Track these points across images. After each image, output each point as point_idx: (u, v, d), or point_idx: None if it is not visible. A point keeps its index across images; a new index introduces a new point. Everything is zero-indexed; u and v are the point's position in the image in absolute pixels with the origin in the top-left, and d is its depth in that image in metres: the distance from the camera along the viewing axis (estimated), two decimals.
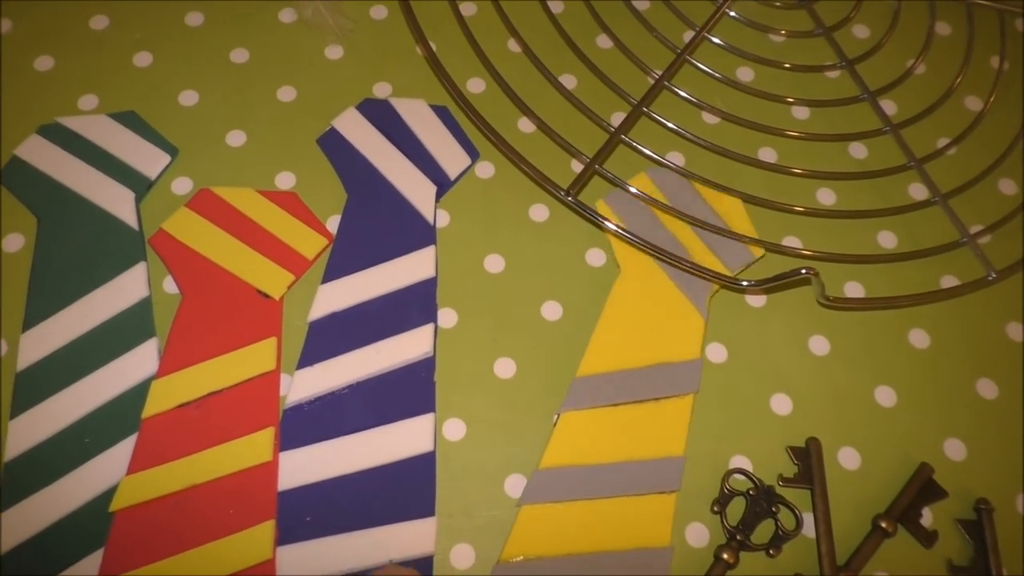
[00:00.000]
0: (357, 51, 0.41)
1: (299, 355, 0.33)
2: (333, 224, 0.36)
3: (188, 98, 0.39)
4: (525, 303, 0.35)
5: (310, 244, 0.35)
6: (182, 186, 0.37)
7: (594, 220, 0.35)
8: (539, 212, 0.37)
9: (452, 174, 0.37)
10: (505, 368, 0.34)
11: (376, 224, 0.36)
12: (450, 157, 0.38)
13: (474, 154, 0.38)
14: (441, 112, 0.39)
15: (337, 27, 0.40)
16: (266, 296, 0.34)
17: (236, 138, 0.38)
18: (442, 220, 0.37)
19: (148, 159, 0.37)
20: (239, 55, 0.40)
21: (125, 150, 0.37)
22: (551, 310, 0.35)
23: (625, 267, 0.35)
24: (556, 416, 0.33)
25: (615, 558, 0.30)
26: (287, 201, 0.36)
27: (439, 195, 0.37)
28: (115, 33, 0.40)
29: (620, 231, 0.34)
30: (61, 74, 0.39)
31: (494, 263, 0.36)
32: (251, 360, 0.32)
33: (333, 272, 0.35)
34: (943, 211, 0.38)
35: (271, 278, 0.34)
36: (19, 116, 0.38)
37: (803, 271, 0.31)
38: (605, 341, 0.34)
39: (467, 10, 0.42)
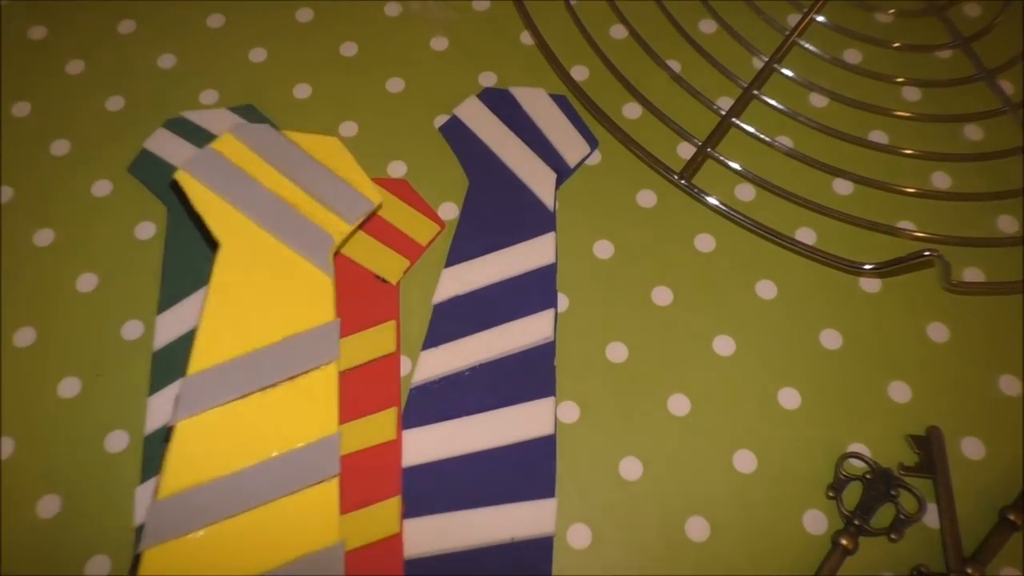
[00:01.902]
0: (462, 42, 0.41)
1: (423, 337, 0.34)
2: (444, 210, 0.37)
3: (302, 91, 0.40)
4: (635, 288, 0.36)
5: (423, 230, 0.36)
6: None
7: (707, 204, 0.35)
8: (647, 197, 0.37)
9: (572, 162, 0.38)
10: (617, 352, 0.34)
11: (497, 210, 0.36)
12: (570, 145, 0.38)
13: (593, 142, 0.38)
14: (560, 101, 0.39)
15: (444, 19, 0.41)
16: (383, 281, 0.35)
17: (348, 128, 0.39)
18: None
19: None
20: (348, 48, 0.41)
21: None
22: (661, 295, 0.35)
23: (225, 242, 0.30)
24: (168, 430, 0.28)
25: (284, 572, 0.26)
26: (399, 188, 0.37)
27: (559, 182, 0.37)
28: (231, 31, 0.42)
29: (725, 209, 0.34)
30: (183, 71, 0.41)
31: (603, 248, 0.36)
32: (372, 343, 0.33)
33: (456, 256, 0.35)
34: None
35: (387, 263, 0.35)
36: (146, 111, 0.39)
37: (927, 253, 0.31)
38: (216, 328, 0.29)
39: None
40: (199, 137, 0.38)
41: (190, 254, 0.35)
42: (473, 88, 0.40)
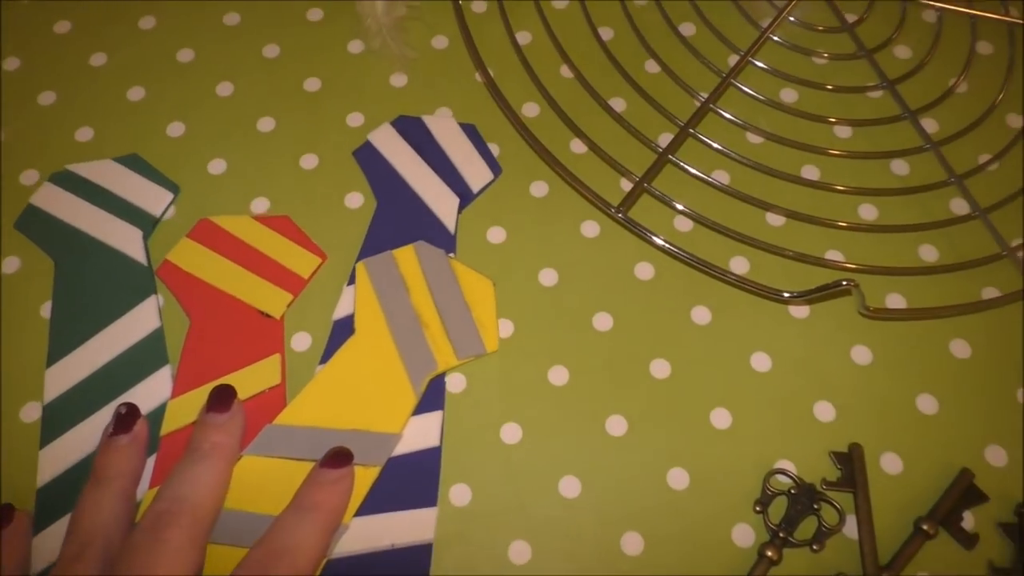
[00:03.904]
0: (420, 78, 0.44)
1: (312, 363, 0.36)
2: None
3: (265, 124, 0.42)
4: (577, 314, 0.38)
5: (305, 264, 0.38)
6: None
7: (642, 236, 0.37)
8: (590, 228, 0.40)
9: (475, 188, 0.40)
10: (559, 376, 0.36)
11: (402, 231, 0.39)
12: (474, 172, 0.40)
13: (497, 170, 0.41)
14: (468, 129, 0.42)
15: (402, 56, 0.43)
16: (267, 316, 0.37)
17: (309, 161, 0.41)
18: (499, 236, 0.39)
19: (151, 198, 0.39)
20: (312, 84, 0.43)
21: (130, 191, 0.39)
22: (602, 321, 0.37)
23: (360, 328, 0.36)
24: (239, 457, 0.33)
25: None
26: (281, 225, 0.39)
27: (461, 207, 0.40)
28: (199, 66, 0.44)
29: (668, 246, 0.36)
30: (151, 105, 0.43)
31: (548, 276, 0.38)
32: (258, 376, 0.35)
33: None
34: (984, 225, 0.39)
35: (271, 299, 0.37)
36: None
37: (844, 283, 0.33)
38: (315, 395, 0.34)
39: (522, 39, 0.44)
40: (85, 189, 0.39)
41: (77, 307, 0.36)
42: None
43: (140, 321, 0.36)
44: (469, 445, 0.35)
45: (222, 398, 0.33)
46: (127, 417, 0.33)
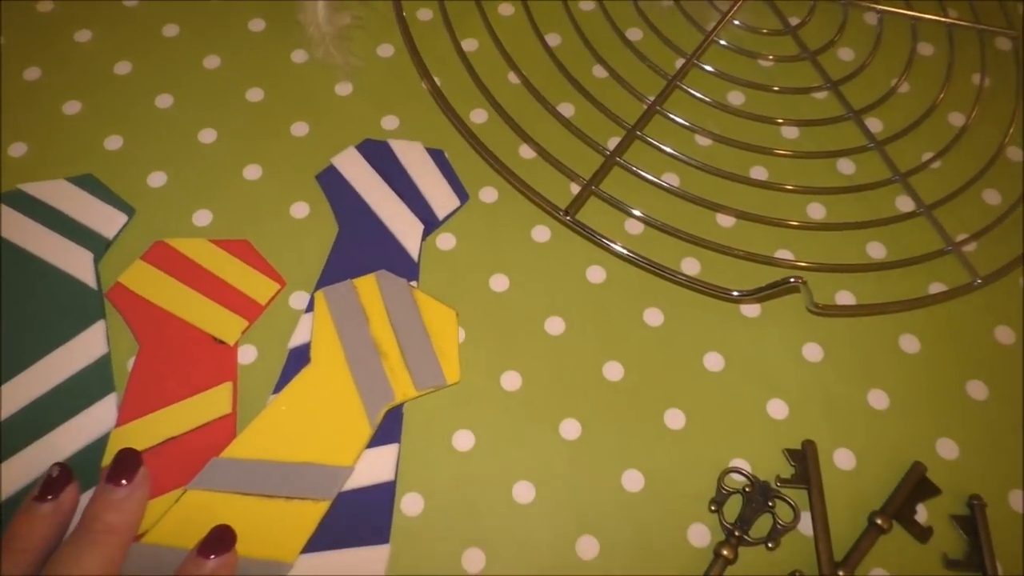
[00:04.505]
0: (366, 87, 0.43)
1: (277, 380, 0.35)
2: None
3: (207, 136, 0.41)
4: (529, 319, 0.37)
5: (263, 290, 0.37)
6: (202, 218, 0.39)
7: (592, 239, 0.37)
8: (541, 233, 0.39)
9: (441, 214, 0.39)
10: (511, 381, 0.36)
11: (364, 258, 0.38)
12: (440, 198, 0.40)
13: (464, 196, 0.40)
14: (436, 155, 0.41)
15: (347, 65, 0.43)
16: (221, 342, 0.35)
17: (252, 172, 0.40)
18: (449, 243, 0.39)
19: (104, 219, 0.38)
20: (254, 94, 0.43)
21: (83, 212, 0.38)
22: (554, 325, 0.37)
23: (316, 357, 0.35)
24: (183, 491, 0.32)
25: None
26: (240, 249, 0.38)
27: (426, 234, 0.39)
28: (137, 78, 0.43)
29: (627, 252, 0.36)
30: (87, 118, 0.42)
31: (499, 282, 0.38)
32: (208, 405, 0.34)
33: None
34: (928, 221, 0.40)
35: (225, 325, 0.36)
36: None
37: (791, 280, 0.33)
38: (266, 426, 0.33)
39: (468, 46, 0.44)
40: (35, 210, 0.38)
41: (21, 331, 0.35)
42: (376, 132, 0.42)
43: (86, 347, 0.35)
44: (421, 453, 0.34)
45: (126, 465, 0.29)
46: (56, 481, 0.29)
